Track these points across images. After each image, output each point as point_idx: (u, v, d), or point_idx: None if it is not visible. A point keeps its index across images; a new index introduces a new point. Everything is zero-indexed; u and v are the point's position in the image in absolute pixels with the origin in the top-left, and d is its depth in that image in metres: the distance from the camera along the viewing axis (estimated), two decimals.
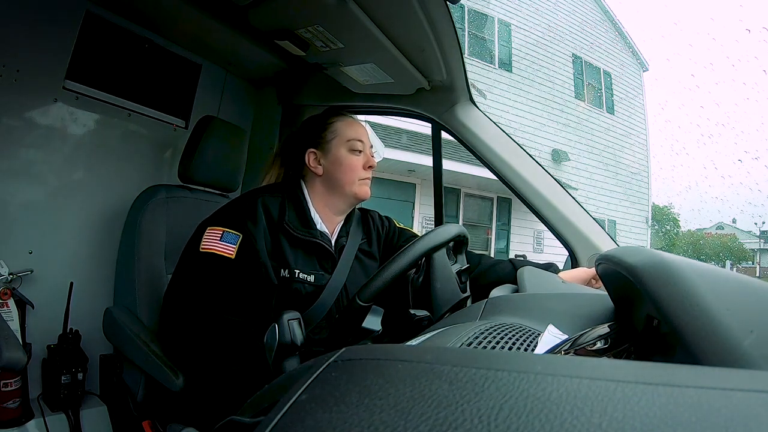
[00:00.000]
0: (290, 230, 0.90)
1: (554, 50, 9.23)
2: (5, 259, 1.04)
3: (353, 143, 0.96)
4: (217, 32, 1.23)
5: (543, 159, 8.30)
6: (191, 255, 0.85)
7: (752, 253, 16.15)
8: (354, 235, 1.01)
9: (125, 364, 1.04)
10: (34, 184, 1.14)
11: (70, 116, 1.19)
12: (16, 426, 0.99)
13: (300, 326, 0.68)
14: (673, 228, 15.13)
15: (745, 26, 21.30)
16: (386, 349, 0.28)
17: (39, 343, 1.10)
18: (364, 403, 0.21)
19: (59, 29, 1.13)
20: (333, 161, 0.95)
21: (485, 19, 8.48)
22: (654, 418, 0.17)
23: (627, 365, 0.22)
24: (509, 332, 0.43)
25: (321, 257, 0.94)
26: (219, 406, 0.77)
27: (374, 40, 0.99)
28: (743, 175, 17.46)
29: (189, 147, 1.16)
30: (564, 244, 1.20)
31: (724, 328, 0.24)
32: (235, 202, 0.92)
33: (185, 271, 0.86)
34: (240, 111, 1.57)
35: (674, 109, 24.50)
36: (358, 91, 1.33)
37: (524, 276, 0.82)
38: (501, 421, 0.18)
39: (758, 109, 17.37)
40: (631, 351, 0.36)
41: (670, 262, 0.30)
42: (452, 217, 7.79)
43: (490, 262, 1.04)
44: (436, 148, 1.36)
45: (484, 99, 7.73)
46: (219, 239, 0.83)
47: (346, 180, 0.95)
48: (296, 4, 0.91)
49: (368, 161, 0.98)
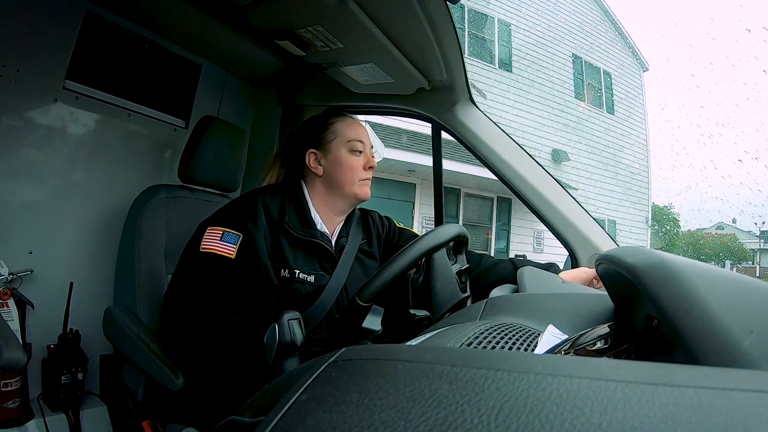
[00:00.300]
0: (290, 230, 0.90)
1: (554, 50, 9.23)
2: (5, 259, 1.04)
3: (353, 144, 0.96)
4: (217, 32, 1.23)
5: (543, 159, 8.30)
6: (191, 255, 0.85)
7: (752, 253, 16.14)
8: (354, 235, 1.01)
9: (125, 364, 1.04)
10: (34, 184, 1.14)
11: (70, 116, 1.19)
12: (16, 426, 0.99)
13: (300, 326, 0.68)
14: (673, 228, 15.12)
15: (745, 26, 21.29)
16: (386, 349, 0.28)
17: (39, 343, 1.10)
18: (364, 403, 0.21)
19: (59, 29, 1.13)
20: (333, 162, 0.95)
21: (485, 19, 8.47)
22: (654, 418, 0.17)
23: (627, 365, 0.22)
24: (509, 332, 0.43)
25: (321, 257, 0.94)
26: (219, 406, 0.77)
27: (374, 40, 0.99)
28: (743, 175, 17.46)
29: (189, 147, 1.16)
30: (564, 244, 1.20)
31: (724, 328, 0.24)
32: (235, 202, 0.93)
33: (185, 271, 0.86)
34: (240, 111, 1.57)
35: (674, 109, 24.51)
36: (358, 91, 1.33)
37: (524, 276, 0.82)
38: (501, 421, 0.18)
39: (758, 109, 17.35)
40: (631, 351, 0.36)
41: (670, 262, 0.30)
42: (452, 217, 7.79)
43: (490, 262, 1.04)
44: (436, 148, 1.36)
45: (484, 99, 7.73)
46: (219, 239, 0.84)
47: (347, 180, 0.95)
48: (296, 4, 0.91)
49: (368, 162, 0.98)
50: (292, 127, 1.48)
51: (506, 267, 1.01)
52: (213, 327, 0.79)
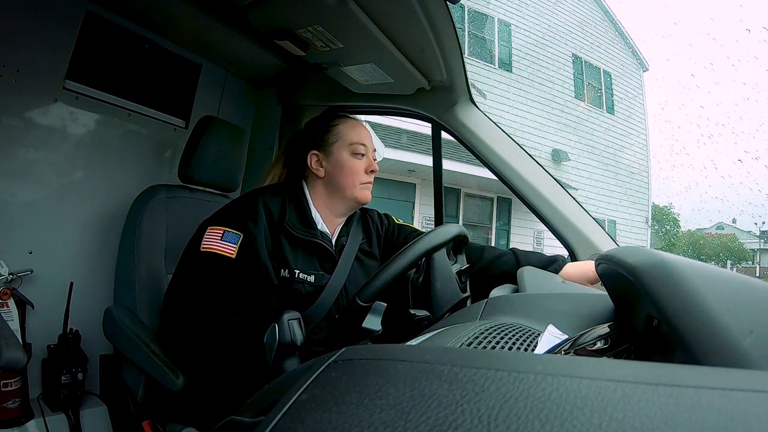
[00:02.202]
0: (291, 230, 0.90)
1: (554, 50, 9.23)
2: (5, 259, 1.04)
3: (356, 147, 0.96)
4: (217, 32, 1.23)
5: (543, 159, 8.29)
6: (192, 255, 0.85)
7: (752, 253, 16.12)
8: (354, 234, 1.01)
9: (125, 364, 1.04)
10: (34, 184, 1.14)
11: (70, 116, 1.19)
12: (16, 426, 0.99)
13: (300, 326, 0.68)
14: (673, 228, 15.11)
15: (745, 26, 21.28)
16: (386, 349, 0.28)
17: (39, 343, 1.10)
18: (364, 403, 0.21)
19: (59, 29, 1.13)
20: (335, 164, 0.95)
21: (485, 19, 8.47)
22: (654, 418, 0.17)
23: (627, 365, 0.22)
24: (509, 332, 0.43)
25: (321, 257, 0.94)
26: (219, 406, 0.77)
27: (374, 40, 0.99)
28: (743, 175, 17.45)
29: (189, 147, 1.16)
30: (564, 244, 1.19)
31: (724, 328, 0.24)
32: (236, 202, 0.93)
33: (186, 271, 0.86)
34: (240, 111, 1.57)
35: (674, 109, 24.47)
36: (358, 91, 1.33)
37: (524, 276, 0.81)
38: (501, 421, 0.18)
39: (758, 109, 17.34)
40: (631, 351, 0.36)
41: (670, 262, 0.30)
42: (452, 217, 7.79)
43: (493, 255, 1.02)
44: (436, 148, 1.36)
45: (484, 99, 7.73)
46: (220, 239, 0.84)
47: (347, 184, 0.95)
48: (296, 4, 0.91)
49: (370, 165, 0.97)
50: (292, 127, 1.49)
51: (509, 260, 1.00)
52: (214, 326, 0.79)
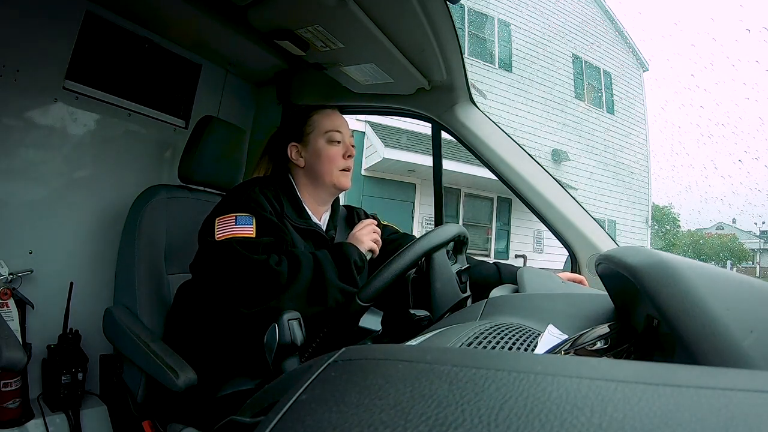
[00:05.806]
0: (290, 221, 0.92)
1: (554, 50, 9.22)
2: (5, 259, 1.04)
3: (331, 134, 0.98)
4: (217, 32, 1.23)
5: (543, 159, 8.29)
6: (210, 248, 0.82)
7: (752, 253, 16.13)
8: (342, 231, 1.03)
9: (125, 364, 1.04)
10: (34, 184, 1.14)
11: (70, 116, 1.19)
12: (16, 426, 1.00)
13: (300, 326, 0.68)
14: (673, 228, 15.13)
15: (745, 26, 21.29)
16: (386, 349, 0.28)
17: (39, 343, 1.10)
18: (364, 403, 0.21)
19: (59, 29, 1.13)
20: (312, 153, 0.98)
21: (485, 19, 8.47)
22: (654, 418, 0.17)
23: (627, 365, 0.22)
24: (509, 332, 0.43)
25: (317, 245, 0.95)
26: (219, 406, 0.77)
27: (374, 40, 0.99)
28: (743, 175, 17.45)
29: (189, 147, 1.16)
30: (564, 245, 1.19)
31: (723, 328, 0.24)
32: (234, 191, 0.92)
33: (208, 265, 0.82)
34: (240, 111, 1.57)
35: (674, 109, 24.49)
36: (358, 91, 1.33)
37: (524, 276, 0.81)
38: (501, 421, 0.18)
39: (758, 109, 17.36)
40: (631, 351, 0.36)
41: (670, 262, 0.30)
42: (452, 217, 7.78)
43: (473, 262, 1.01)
44: (436, 148, 1.36)
45: (484, 99, 7.73)
46: (234, 224, 0.83)
47: (326, 170, 0.97)
48: (296, 4, 0.91)
49: (347, 151, 0.99)
50: None
51: (490, 268, 1.01)
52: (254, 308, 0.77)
